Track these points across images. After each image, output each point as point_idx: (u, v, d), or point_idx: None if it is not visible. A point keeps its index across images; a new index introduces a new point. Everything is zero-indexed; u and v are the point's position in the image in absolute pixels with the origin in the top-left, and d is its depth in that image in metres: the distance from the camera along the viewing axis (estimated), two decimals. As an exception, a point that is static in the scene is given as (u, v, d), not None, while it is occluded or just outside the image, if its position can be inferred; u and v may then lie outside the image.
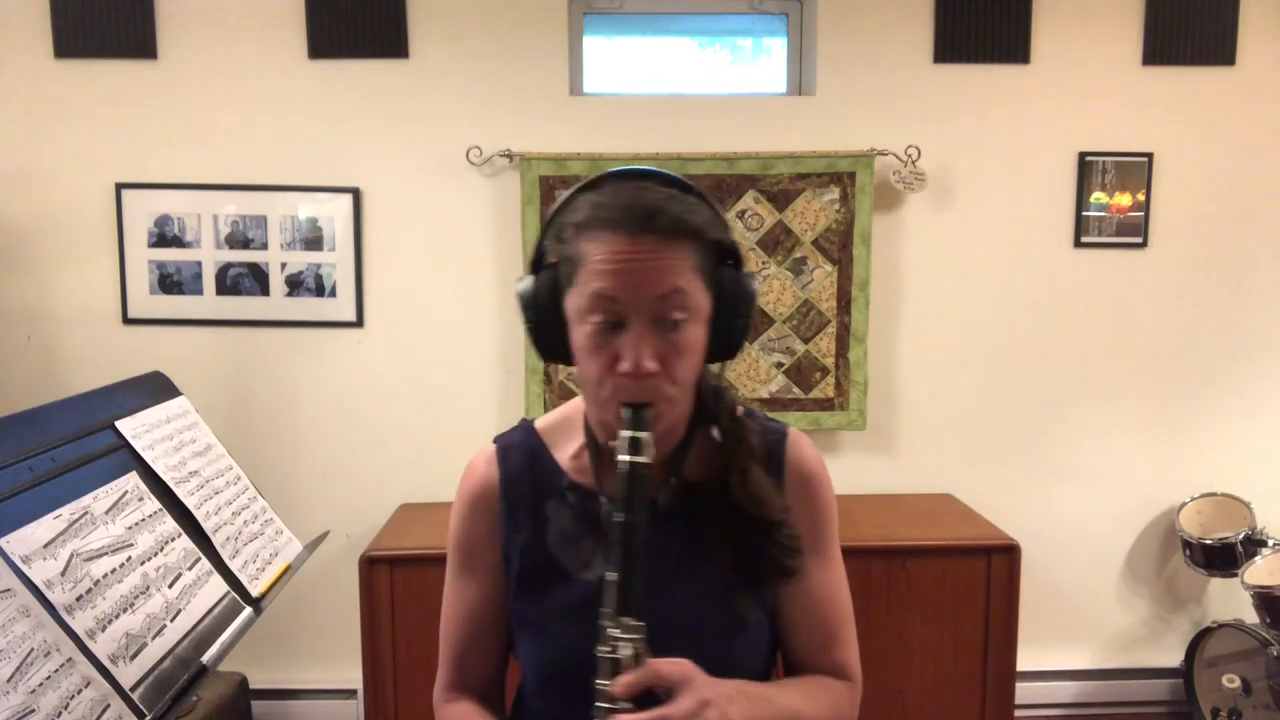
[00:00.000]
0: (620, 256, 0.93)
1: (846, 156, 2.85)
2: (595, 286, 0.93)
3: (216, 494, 1.69)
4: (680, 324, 0.95)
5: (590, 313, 0.95)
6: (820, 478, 1.12)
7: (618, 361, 0.94)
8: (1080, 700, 3.11)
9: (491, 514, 1.11)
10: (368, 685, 2.53)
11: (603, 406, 1.00)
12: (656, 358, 0.94)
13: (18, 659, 1.03)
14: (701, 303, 0.97)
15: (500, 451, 1.13)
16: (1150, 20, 2.92)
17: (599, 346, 0.95)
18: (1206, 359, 3.04)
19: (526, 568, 1.08)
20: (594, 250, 0.94)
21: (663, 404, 0.96)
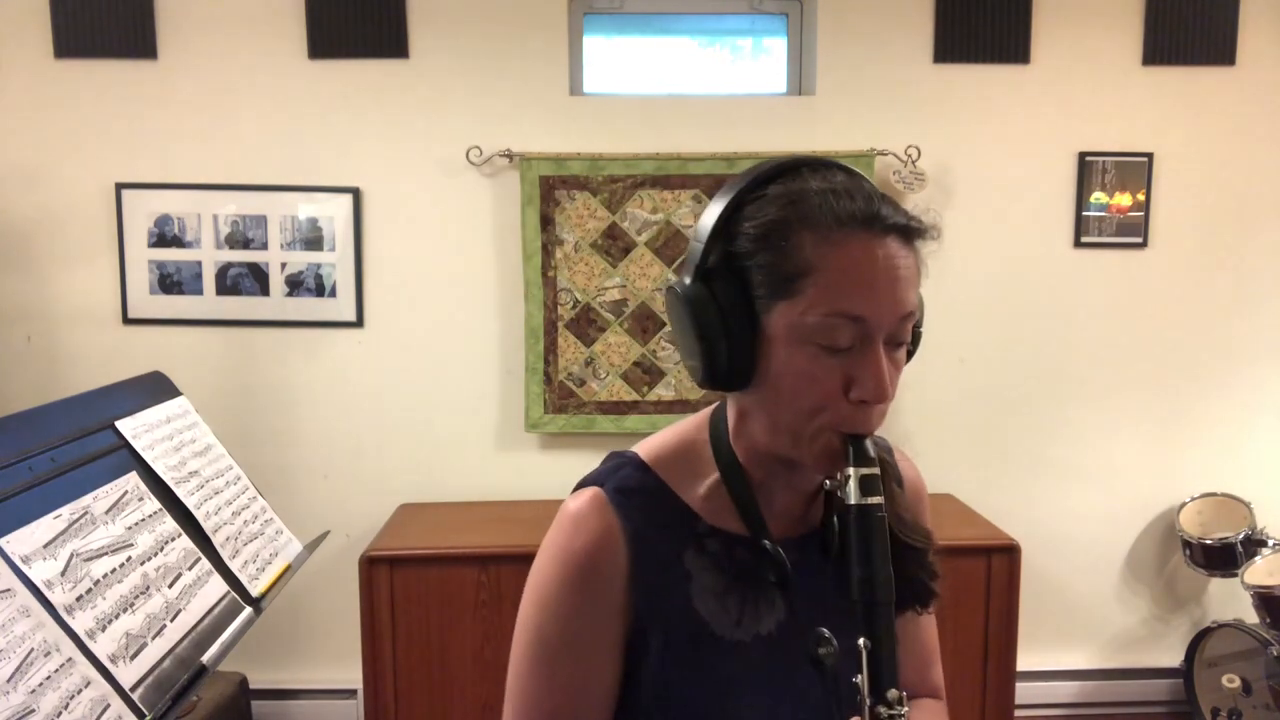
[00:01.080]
0: (876, 265, 0.78)
1: (846, 156, 2.85)
2: (843, 301, 0.78)
3: (216, 494, 1.69)
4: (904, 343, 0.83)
5: (824, 331, 0.78)
6: (925, 495, 1.03)
7: (848, 386, 0.79)
8: (1080, 700, 3.11)
9: (617, 577, 0.87)
10: (368, 685, 2.53)
11: (810, 439, 0.82)
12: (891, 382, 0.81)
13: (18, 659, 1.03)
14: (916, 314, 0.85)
15: (615, 498, 0.89)
16: (1150, 20, 2.92)
17: (827, 370, 0.79)
18: (1206, 359, 3.04)
19: (674, 637, 0.87)
20: (838, 257, 0.78)
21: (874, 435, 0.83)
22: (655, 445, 0.95)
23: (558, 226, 2.86)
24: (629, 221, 2.86)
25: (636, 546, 0.87)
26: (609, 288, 2.88)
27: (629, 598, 0.87)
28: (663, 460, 0.93)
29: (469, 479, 2.96)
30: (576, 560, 0.87)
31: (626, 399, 2.92)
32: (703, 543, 0.89)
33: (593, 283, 2.88)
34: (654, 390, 2.92)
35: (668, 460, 0.93)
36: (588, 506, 0.89)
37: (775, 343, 0.81)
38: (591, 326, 2.90)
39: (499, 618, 2.53)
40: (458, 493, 2.95)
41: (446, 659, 2.54)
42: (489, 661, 2.53)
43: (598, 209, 2.85)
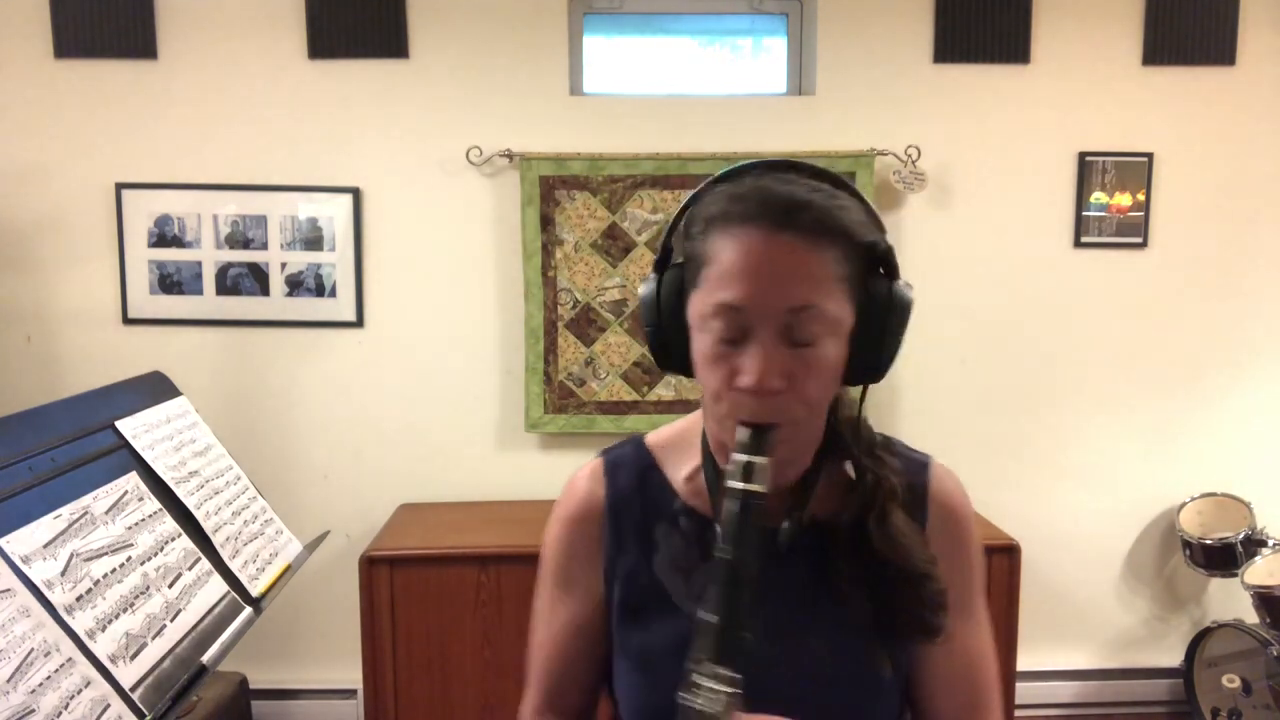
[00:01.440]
0: (752, 257, 0.81)
1: (846, 156, 2.85)
2: (721, 292, 0.82)
3: (216, 494, 1.69)
4: (815, 339, 0.82)
5: (712, 319, 0.83)
6: (968, 518, 0.99)
7: (735, 375, 0.83)
8: (1080, 700, 3.11)
9: (594, 535, 0.99)
10: (368, 685, 2.53)
11: (720, 425, 0.88)
12: (784, 374, 0.81)
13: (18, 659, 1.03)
14: (842, 316, 0.83)
15: (608, 467, 1.01)
16: (1150, 20, 2.92)
17: (720, 357, 0.84)
18: (1206, 359, 3.04)
19: (631, 595, 0.97)
20: (723, 248, 0.82)
21: (788, 427, 0.84)
22: (661, 430, 1.05)
23: (558, 226, 2.86)
24: (629, 221, 2.86)
25: (614, 512, 0.99)
26: (609, 288, 2.88)
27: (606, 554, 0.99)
28: (661, 443, 1.03)
29: (469, 479, 2.96)
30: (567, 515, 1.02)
31: (626, 399, 2.92)
32: (676, 519, 0.97)
33: (593, 283, 2.88)
34: (654, 390, 2.92)
35: (665, 443, 1.03)
36: (583, 473, 1.03)
37: (693, 330, 0.87)
38: (591, 326, 2.90)
39: (499, 618, 2.53)
40: (458, 493, 2.95)
41: (446, 659, 2.54)
42: (489, 661, 2.53)
43: (598, 209, 2.85)
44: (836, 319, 0.83)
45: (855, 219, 0.85)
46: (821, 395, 0.86)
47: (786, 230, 0.81)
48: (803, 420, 0.86)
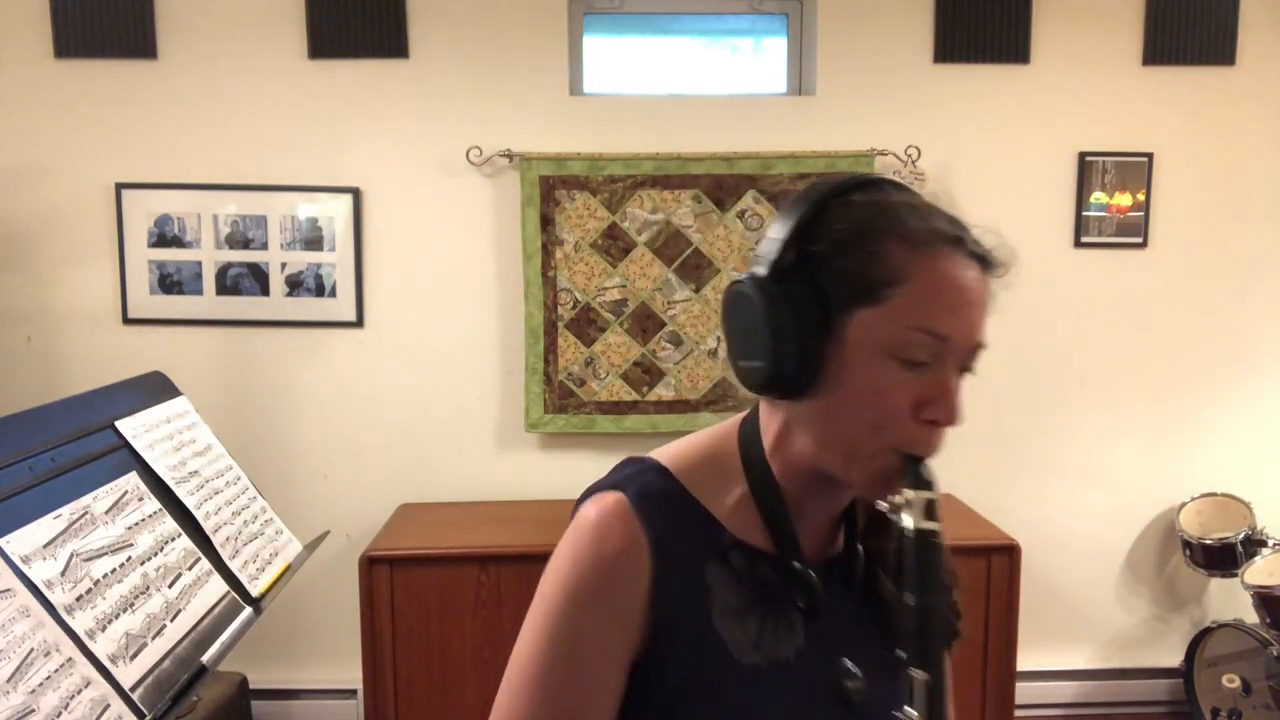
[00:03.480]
0: (968, 290, 0.79)
1: (846, 156, 2.85)
2: (930, 319, 0.77)
3: (216, 494, 1.69)
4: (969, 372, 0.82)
5: (909, 345, 0.77)
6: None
7: (918, 406, 0.77)
8: (1080, 700, 3.11)
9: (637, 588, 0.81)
10: (368, 685, 2.53)
11: (867, 458, 0.79)
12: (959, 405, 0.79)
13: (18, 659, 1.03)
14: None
15: (637, 502, 0.83)
16: (1150, 20, 2.92)
17: (899, 385, 0.77)
18: (1206, 359, 3.04)
19: (692, 658, 0.82)
20: (930, 273, 0.77)
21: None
22: (677, 452, 0.89)
23: (558, 226, 2.86)
24: (629, 221, 2.86)
25: (660, 556, 0.81)
26: (609, 288, 2.88)
27: (648, 611, 0.81)
28: (686, 467, 0.87)
29: (469, 479, 2.96)
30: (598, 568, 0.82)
31: (626, 399, 2.92)
32: (726, 555, 0.84)
33: (593, 283, 2.88)
34: (654, 390, 2.92)
35: (691, 468, 0.87)
36: (611, 512, 0.83)
37: (849, 350, 0.78)
38: (591, 326, 2.90)
39: (499, 618, 2.53)
40: (458, 493, 2.95)
41: (446, 659, 2.54)
42: (489, 661, 2.53)
43: (598, 209, 2.85)
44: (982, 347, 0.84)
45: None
46: None
47: (985, 266, 0.82)
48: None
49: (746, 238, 2.87)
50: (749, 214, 2.87)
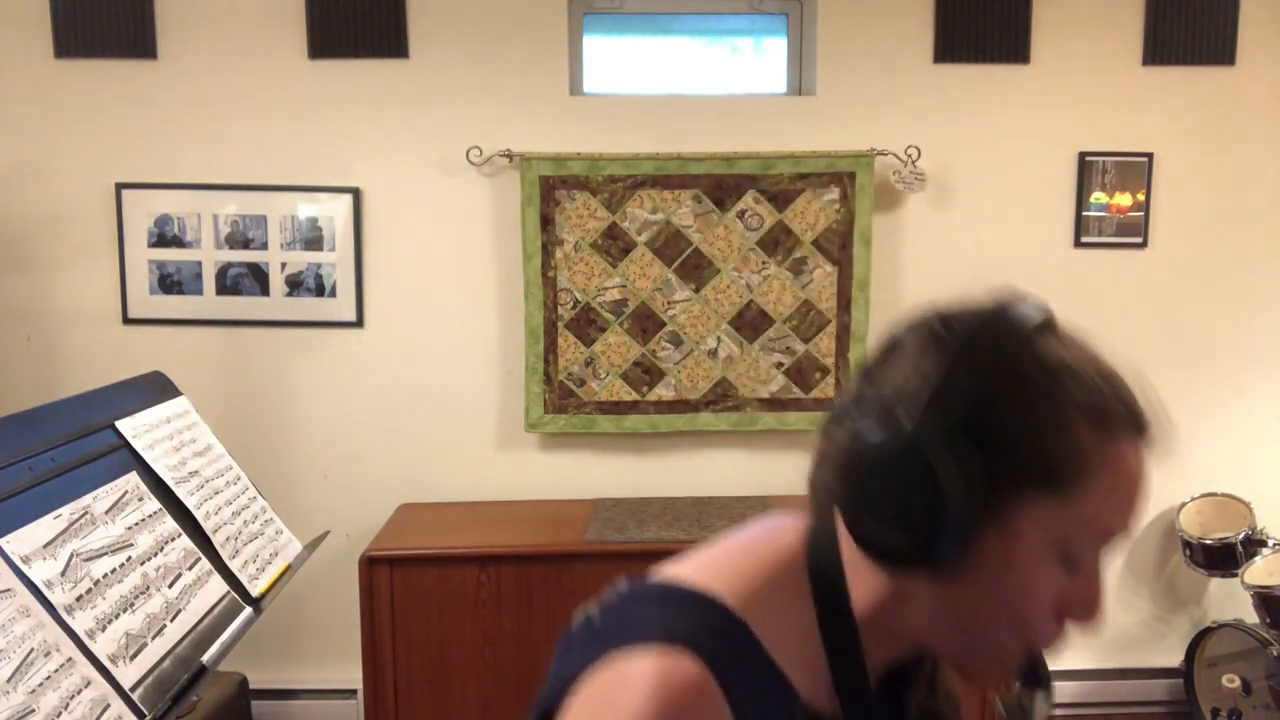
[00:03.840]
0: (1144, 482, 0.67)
1: (846, 156, 2.85)
2: (1118, 522, 0.66)
3: (216, 494, 1.69)
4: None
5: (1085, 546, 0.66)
6: None
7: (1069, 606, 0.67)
8: (1080, 700, 3.11)
9: None
10: (368, 685, 2.53)
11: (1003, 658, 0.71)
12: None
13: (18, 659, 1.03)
14: None
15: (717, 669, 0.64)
16: (1150, 20, 2.92)
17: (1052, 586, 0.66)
18: (1206, 359, 3.04)
19: None
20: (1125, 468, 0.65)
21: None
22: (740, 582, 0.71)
23: (558, 226, 2.86)
24: (629, 221, 2.86)
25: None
26: (609, 288, 2.88)
27: None
28: (752, 607, 0.69)
29: (469, 479, 2.96)
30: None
31: (626, 399, 2.92)
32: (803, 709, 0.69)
33: (593, 283, 2.88)
34: (654, 390, 2.92)
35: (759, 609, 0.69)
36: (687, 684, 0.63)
37: (1013, 540, 0.64)
38: (591, 326, 2.90)
39: (499, 618, 2.53)
40: (458, 493, 2.95)
41: (446, 659, 2.54)
42: (489, 661, 2.53)
43: (598, 209, 2.85)
44: None
45: None
46: None
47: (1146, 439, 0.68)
48: None
49: (746, 238, 2.88)
50: (749, 214, 2.87)
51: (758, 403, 2.94)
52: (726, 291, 2.89)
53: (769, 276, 2.89)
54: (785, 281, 2.90)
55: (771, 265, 2.89)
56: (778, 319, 2.91)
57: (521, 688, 2.48)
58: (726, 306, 2.90)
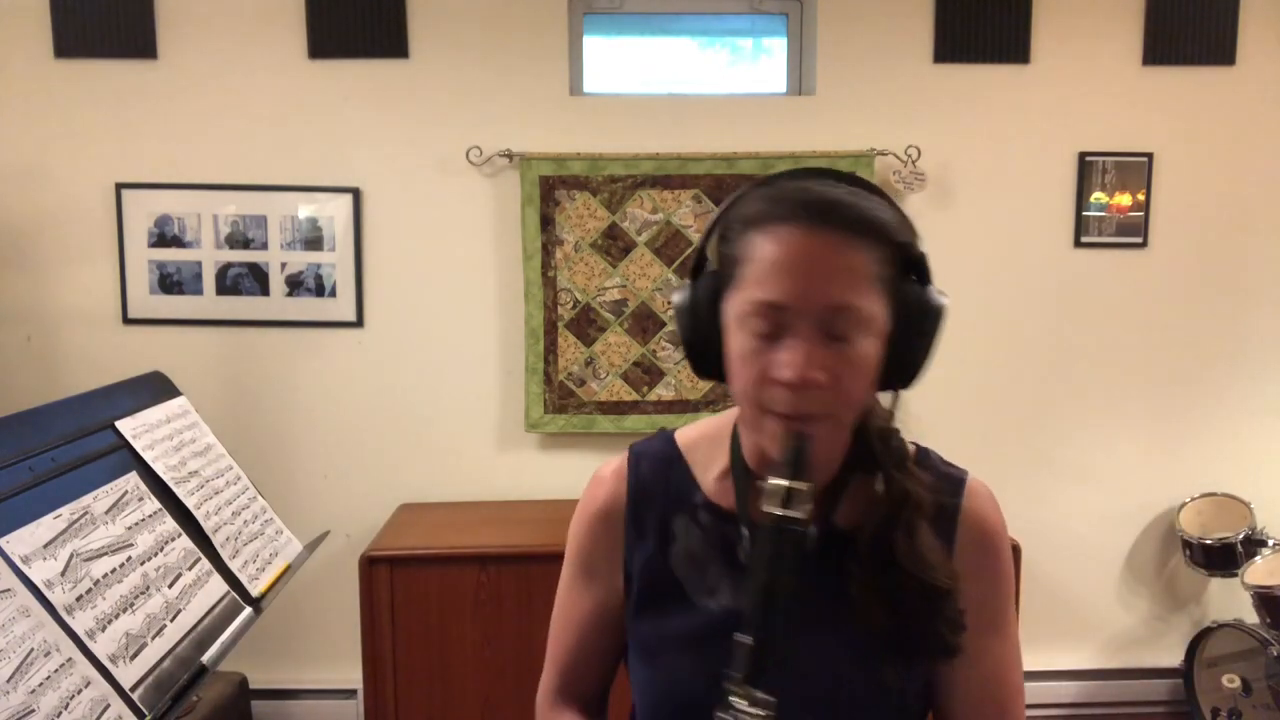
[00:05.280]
0: (792, 254, 0.82)
1: (846, 156, 2.85)
2: (760, 290, 0.83)
3: (216, 494, 1.69)
4: (852, 336, 0.83)
5: (751, 317, 0.83)
6: (1001, 539, 0.98)
7: (770, 369, 0.83)
8: (1080, 700, 3.11)
9: (615, 529, 1.01)
10: (368, 685, 2.53)
11: (757, 428, 0.88)
12: (824, 368, 0.82)
13: (18, 659, 1.03)
14: (877, 314, 0.84)
15: (633, 459, 1.03)
16: (1150, 20, 2.92)
17: (756, 353, 0.84)
18: (1207, 359, 3.04)
19: (647, 587, 0.99)
20: (761, 247, 0.83)
21: (826, 424, 0.85)
22: (691, 426, 1.07)
23: (558, 226, 2.86)
24: (629, 221, 2.86)
25: (635, 503, 1.01)
26: (609, 288, 2.88)
27: (623, 548, 1.01)
28: (690, 439, 1.04)
29: (469, 479, 2.96)
30: (587, 511, 1.04)
31: (626, 399, 2.92)
32: (696, 512, 0.98)
33: (593, 283, 2.88)
34: (654, 390, 2.92)
35: (695, 440, 1.03)
36: (607, 468, 1.04)
37: (729, 331, 0.87)
38: (591, 326, 2.90)
39: (499, 618, 2.52)
40: (458, 493, 2.95)
41: (446, 659, 2.54)
42: (489, 661, 2.53)
43: (598, 209, 2.85)
44: (871, 316, 0.84)
45: (891, 220, 0.86)
46: (860, 394, 0.86)
47: (825, 228, 0.82)
48: (842, 419, 0.88)
49: (746, 238, 2.87)
50: (749, 214, 2.87)
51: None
52: (726, 291, 2.89)
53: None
54: (785, 281, 2.89)
55: (771, 265, 2.89)
56: (778, 319, 2.91)
57: (521, 688, 2.47)
58: (726, 306, 2.89)
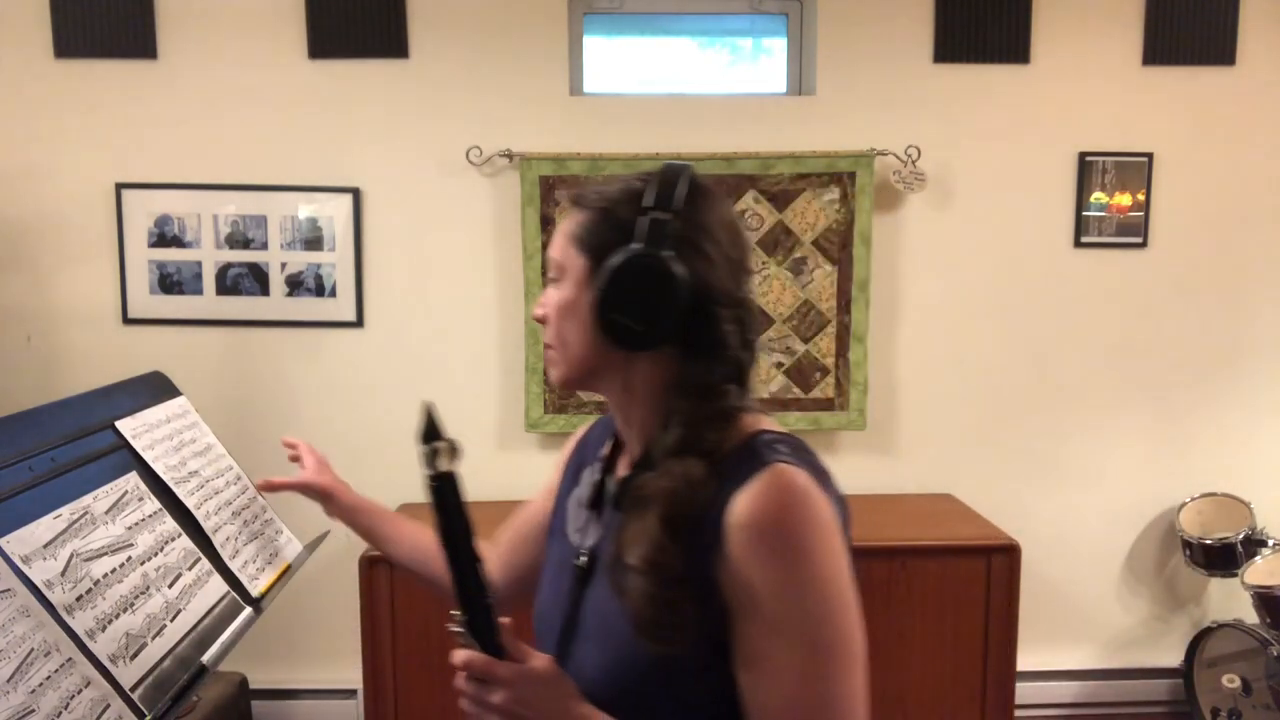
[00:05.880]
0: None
1: (846, 156, 2.85)
2: None
3: (216, 494, 1.69)
4: (560, 283, 1.00)
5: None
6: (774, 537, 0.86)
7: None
8: (1080, 700, 3.11)
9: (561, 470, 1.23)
10: (368, 685, 2.53)
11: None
12: (543, 305, 1.03)
13: (18, 659, 1.03)
14: (571, 266, 0.99)
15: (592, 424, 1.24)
16: (1150, 20, 2.92)
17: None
18: (1206, 359, 3.04)
19: (553, 516, 1.18)
20: None
21: (552, 355, 1.03)
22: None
23: (558, 227, 2.85)
24: (629, 221, 2.86)
25: (577, 450, 1.22)
26: (609, 288, 2.88)
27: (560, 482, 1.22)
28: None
29: (469, 479, 2.91)
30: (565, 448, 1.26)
31: (626, 399, 2.92)
32: (595, 465, 1.12)
33: (593, 283, 2.87)
34: (654, 390, 2.92)
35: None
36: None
37: None
38: (591, 326, 2.89)
39: (499, 618, 2.52)
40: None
41: (446, 659, 2.53)
42: (489, 661, 2.53)
43: (598, 209, 2.85)
44: (563, 265, 1.00)
45: (610, 193, 0.98)
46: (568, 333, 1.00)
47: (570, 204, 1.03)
48: (553, 353, 1.02)
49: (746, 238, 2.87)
50: (749, 214, 2.87)
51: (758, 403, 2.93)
52: (726, 291, 2.89)
53: (769, 276, 2.89)
54: (785, 281, 2.90)
55: (771, 265, 2.89)
56: (778, 319, 2.91)
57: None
58: (726, 306, 2.89)
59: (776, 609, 0.86)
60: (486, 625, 0.94)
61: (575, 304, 0.98)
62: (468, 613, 0.94)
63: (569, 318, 0.99)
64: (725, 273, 0.96)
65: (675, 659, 0.90)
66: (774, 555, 0.86)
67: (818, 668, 0.86)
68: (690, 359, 0.95)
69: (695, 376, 0.95)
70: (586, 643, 0.99)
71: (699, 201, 0.96)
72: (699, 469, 0.91)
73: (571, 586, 1.03)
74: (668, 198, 0.94)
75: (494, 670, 0.93)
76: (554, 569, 1.11)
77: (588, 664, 0.97)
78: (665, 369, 0.96)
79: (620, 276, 0.93)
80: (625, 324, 0.93)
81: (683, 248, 0.93)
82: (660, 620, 0.88)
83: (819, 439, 2.99)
